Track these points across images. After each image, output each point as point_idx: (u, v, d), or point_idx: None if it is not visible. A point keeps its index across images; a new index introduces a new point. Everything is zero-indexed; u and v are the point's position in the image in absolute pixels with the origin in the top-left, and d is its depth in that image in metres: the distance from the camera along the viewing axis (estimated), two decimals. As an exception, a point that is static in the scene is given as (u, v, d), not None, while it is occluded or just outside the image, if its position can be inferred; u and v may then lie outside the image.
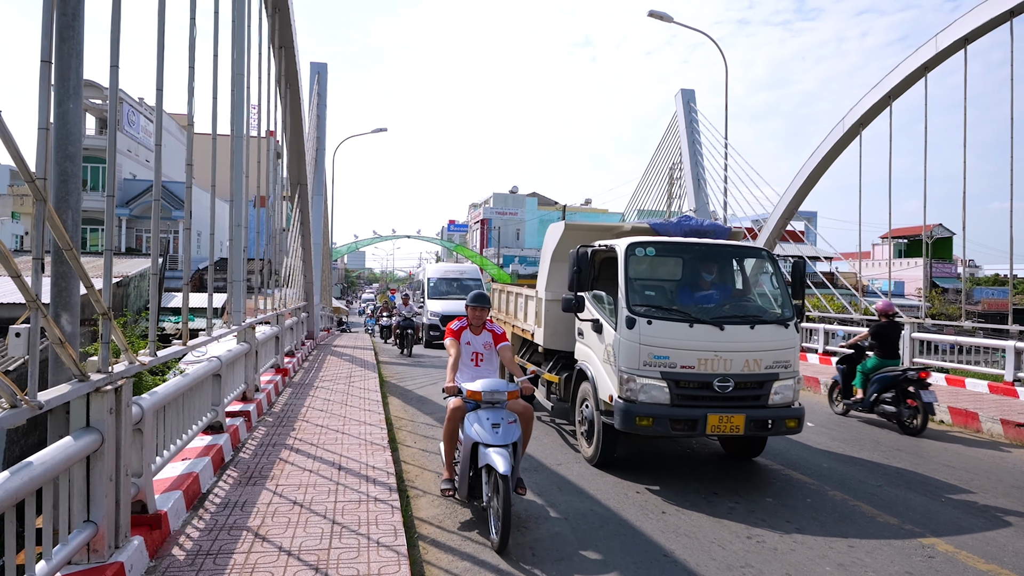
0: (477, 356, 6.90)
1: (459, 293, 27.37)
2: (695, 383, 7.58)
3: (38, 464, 3.71)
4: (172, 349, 6.42)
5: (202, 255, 42.79)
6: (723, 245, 8.90)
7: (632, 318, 7.65)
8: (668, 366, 7.53)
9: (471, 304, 6.92)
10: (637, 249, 8.21)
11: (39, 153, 4.19)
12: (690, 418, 7.42)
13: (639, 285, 8.17)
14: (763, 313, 8.37)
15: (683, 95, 28.03)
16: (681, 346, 7.58)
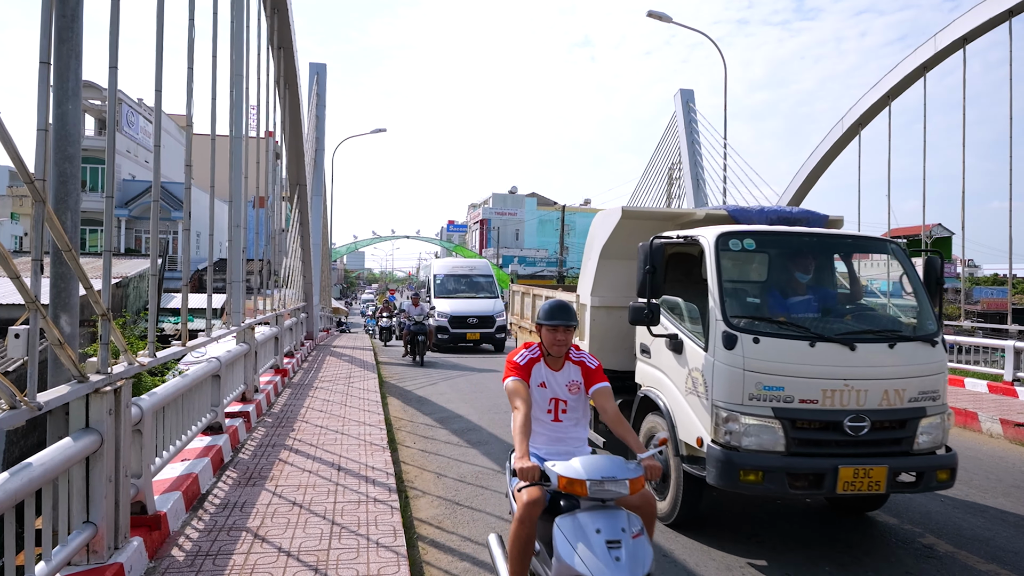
0: (557, 405, 4.42)
1: (469, 291, 25.67)
2: (819, 423, 5.60)
3: (37, 465, 3.71)
4: (171, 350, 6.42)
5: (201, 256, 42.76)
6: (842, 237, 7.11)
7: (732, 334, 5.64)
8: (783, 400, 5.55)
9: (550, 322, 4.33)
10: (732, 241, 6.20)
11: (38, 154, 4.19)
12: (815, 471, 5.48)
13: (737, 289, 6.29)
14: (902, 327, 6.44)
15: (682, 95, 28.02)
16: (800, 372, 5.59)
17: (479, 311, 23.99)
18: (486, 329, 23.73)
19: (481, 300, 24.94)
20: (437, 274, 26.77)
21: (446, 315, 23.44)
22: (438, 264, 29.42)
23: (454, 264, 29.05)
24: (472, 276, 26.69)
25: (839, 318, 6.41)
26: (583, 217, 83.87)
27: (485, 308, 24.28)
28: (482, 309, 24.15)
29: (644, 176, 32.42)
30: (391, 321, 26.25)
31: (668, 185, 30.98)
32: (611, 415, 4.26)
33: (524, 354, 4.45)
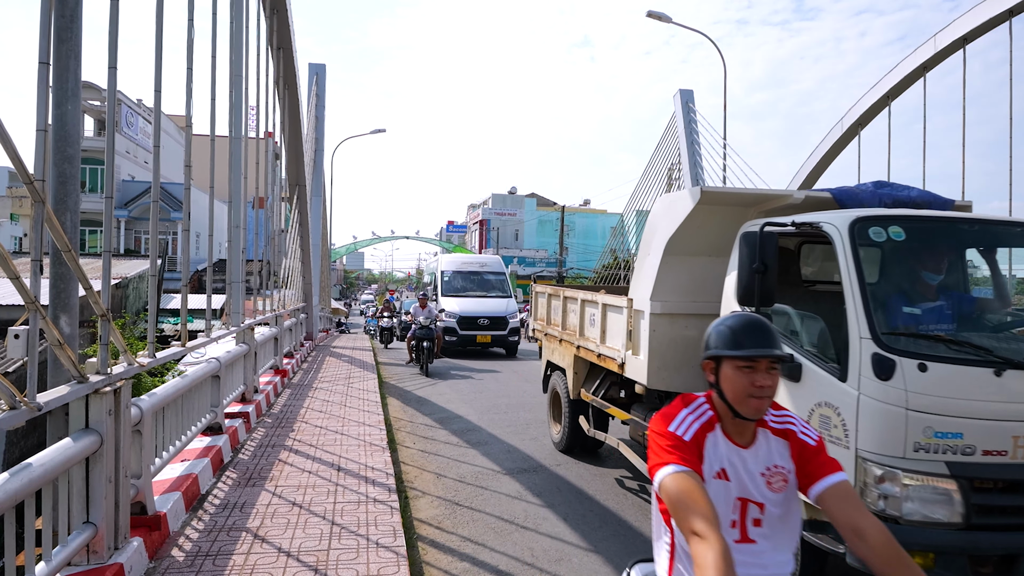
0: (746, 511, 2.43)
1: (479, 289, 23.63)
2: (1009, 483, 4.05)
3: (37, 466, 3.71)
4: (171, 350, 6.42)
5: (201, 256, 42.77)
6: (1013, 224, 5.18)
7: (888, 359, 4.09)
8: (962, 451, 4.00)
9: (746, 352, 2.37)
10: (873, 229, 4.63)
11: (37, 155, 4.19)
12: (1008, 552, 3.97)
13: (887, 294, 4.66)
14: None
15: (681, 95, 28.00)
16: (986, 412, 4.04)
17: (491, 311, 22.11)
18: (498, 331, 21.89)
19: (493, 299, 23.03)
20: (445, 271, 24.37)
21: (455, 315, 21.54)
22: (446, 260, 26.07)
23: (463, 260, 25.70)
24: (483, 273, 24.33)
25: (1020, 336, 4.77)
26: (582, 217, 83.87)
27: (497, 308, 22.38)
28: (494, 309, 22.26)
29: (644, 176, 32.40)
30: (392, 321, 24.94)
31: (667, 186, 30.97)
32: (873, 543, 2.18)
33: (685, 417, 2.44)
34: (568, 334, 8.70)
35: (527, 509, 6.81)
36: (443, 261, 26.03)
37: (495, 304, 22.62)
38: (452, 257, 27.17)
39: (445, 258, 27.23)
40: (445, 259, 26.43)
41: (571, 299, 8.75)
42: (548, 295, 9.97)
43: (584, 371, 8.42)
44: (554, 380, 9.51)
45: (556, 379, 9.39)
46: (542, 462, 8.58)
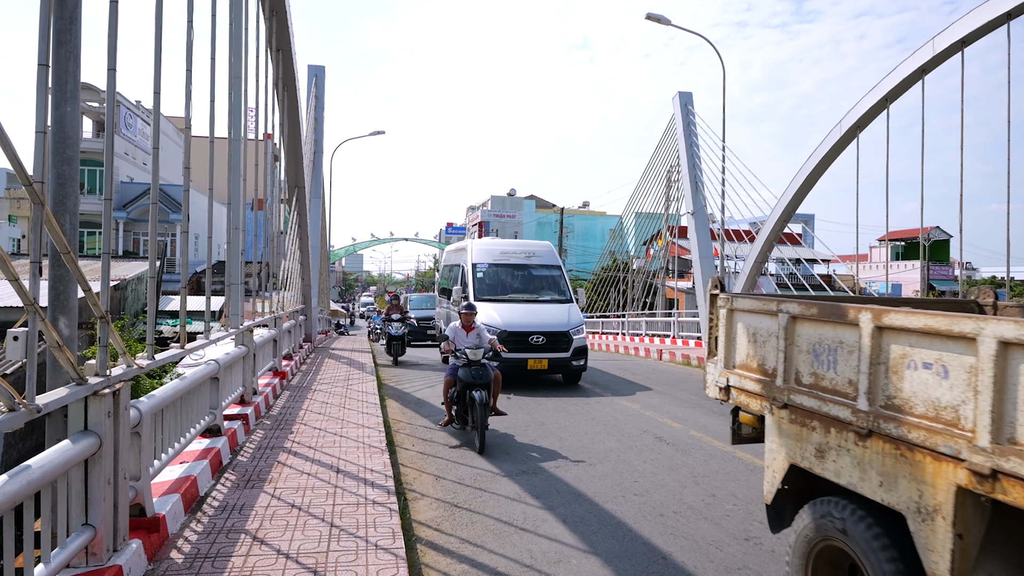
0: None
1: (527, 291, 16.74)
2: None
3: (36, 467, 3.71)
4: (170, 352, 6.42)
5: (200, 258, 42.77)
6: None
7: None
8: None
9: None
10: None
11: (36, 156, 4.19)
12: None
13: None
14: None
15: (680, 97, 28.01)
16: None
17: (547, 324, 15.22)
18: (558, 353, 15.00)
19: (548, 306, 16.20)
20: (478, 264, 16.93)
21: (495, 329, 14.46)
22: (478, 247, 17.83)
23: (502, 248, 17.88)
24: (531, 267, 17.28)
25: None
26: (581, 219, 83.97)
27: (555, 319, 15.49)
28: (551, 321, 15.38)
29: (643, 178, 32.44)
30: (403, 328, 19.44)
31: (667, 187, 31.01)
32: None
33: None
34: (941, 429, 3.31)
35: (526, 511, 6.81)
36: (474, 248, 17.58)
37: (552, 313, 15.74)
38: (486, 243, 18.37)
39: (477, 244, 18.09)
40: (477, 246, 17.87)
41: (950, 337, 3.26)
42: (760, 313, 4.93)
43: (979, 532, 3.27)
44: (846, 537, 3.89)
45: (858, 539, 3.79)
46: (541, 464, 8.58)
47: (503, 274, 16.89)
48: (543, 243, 18.36)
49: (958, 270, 60.32)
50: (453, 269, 19.19)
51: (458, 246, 20.03)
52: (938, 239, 66.45)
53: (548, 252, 17.73)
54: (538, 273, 17.19)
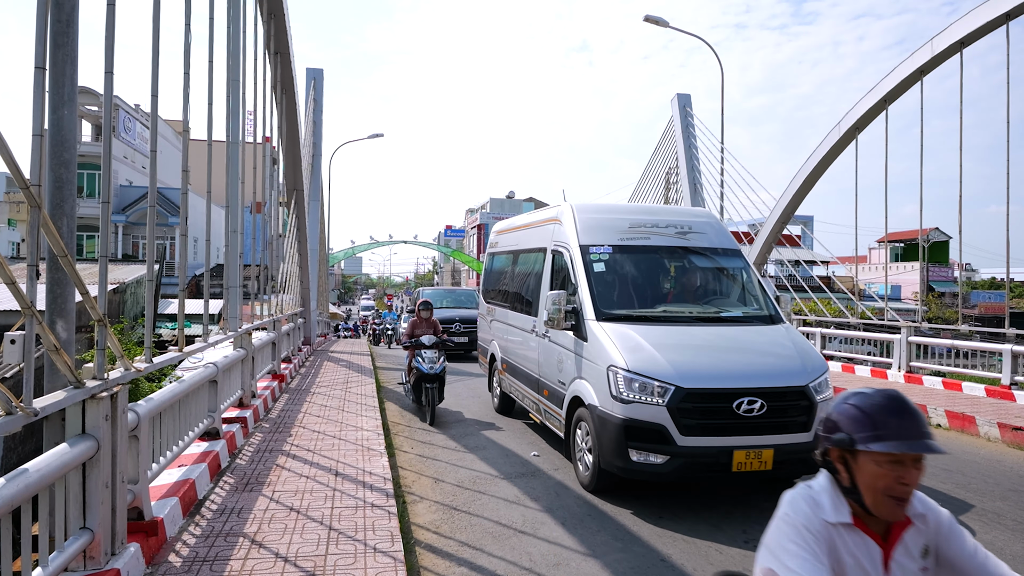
0: None
1: (697, 301, 8.77)
2: None
3: (34, 471, 3.70)
4: (168, 355, 6.41)
5: (198, 261, 42.75)
6: None
7: None
8: None
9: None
10: None
11: (34, 159, 4.19)
12: None
13: None
14: None
15: (679, 99, 28.06)
16: None
17: (763, 373, 7.17)
18: (789, 435, 6.91)
19: (746, 331, 8.20)
20: (593, 248, 8.69)
21: (654, 385, 6.81)
22: (588, 218, 9.14)
23: (633, 218, 9.27)
24: (691, 252, 9.11)
25: None
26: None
27: (776, 361, 7.47)
28: (769, 366, 7.38)
29: (642, 180, 32.46)
30: (440, 358, 11.43)
31: (665, 189, 31.01)
32: None
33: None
34: None
35: (525, 514, 6.80)
36: (580, 220, 9.08)
37: (763, 348, 7.80)
38: (599, 211, 9.51)
39: (583, 213, 9.24)
40: (583, 215, 9.20)
41: None
42: None
43: None
44: None
45: None
46: (540, 467, 8.57)
47: (644, 268, 8.78)
48: (699, 211, 10.56)
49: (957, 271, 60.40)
50: (522, 260, 11.01)
51: (533, 218, 10.96)
52: (937, 240, 66.49)
53: (713, 225, 9.47)
54: (705, 264, 9.09)
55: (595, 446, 7.20)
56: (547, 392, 8.94)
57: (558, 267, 9.16)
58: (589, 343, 7.64)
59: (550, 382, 8.82)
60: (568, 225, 9.03)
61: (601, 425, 7.05)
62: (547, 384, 8.95)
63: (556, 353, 8.58)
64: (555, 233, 9.43)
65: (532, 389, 9.66)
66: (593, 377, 7.38)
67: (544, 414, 9.20)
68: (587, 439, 7.47)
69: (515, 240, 11.75)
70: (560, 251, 9.10)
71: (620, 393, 6.88)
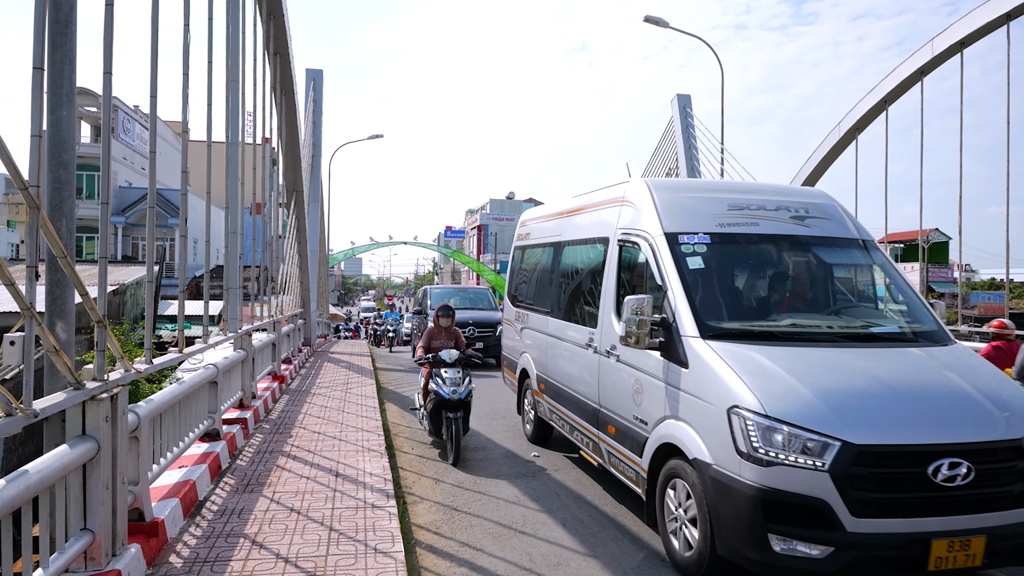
0: None
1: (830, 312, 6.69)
2: None
3: (34, 472, 3.70)
4: (168, 357, 6.41)
5: (198, 263, 42.76)
6: None
7: None
8: None
9: None
10: None
11: (32, 160, 4.19)
12: None
13: None
14: None
15: (679, 100, 28.04)
16: None
17: (961, 418, 4.94)
18: (1002, 513, 4.71)
19: (916, 356, 5.80)
20: (682, 235, 6.36)
21: (802, 432, 4.67)
22: (672, 199, 6.80)
23: (733, 197, 6.97)
24: (811, 243, 6.82)
25: None
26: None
27: (972, 403, 5.08)
28: (966, 408, 5.05)
29: (641, 181, 32.39)
30: (465, 379, 9.07)
31: (665, 190, 30.97)
32: None
33: None
34: None
35: (525, 514, 6.79)
36: (661, 202, 6.73)
37: (949, 382, 5.36)
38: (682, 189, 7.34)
39: (663, 192, 6.92)
40: (664, 195, 6.85)
41: None
42: None
43: None
44: None
45: None
46: (541, 467, 8.56)
47: (755, 265, 6.79)
48: (812, 190, 8.46)
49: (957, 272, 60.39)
50: (568, 254, 8.90)
51: (583, 201, 8.77)
52: (937, 241, 66.50)
53: (834, 208, 7.24)
54: (833, 259, 7.03)
55: (707, 522, 5.03)
56: (613, 429, 6.75)
57: (628, 263, 7.01)
58: (692, 370, 5.39)
59: (620, 417, 6.60)
60: (644, 207, 6.78)
61: (720, 494, 4.92)
62: (614, 419, 6.75)
63: (631, 379, 6.40)
64: (622, 218, 7.20)
65: (587, 421, 7.50)
66: (700, 419, 5.22)
67: (607, 457, 7.00)
68: (687, 506, 5.34)
69: (555, 229, 9.48)
70: (631, 242, 6.85)
71: (753, 448, 4.68)
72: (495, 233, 78.68)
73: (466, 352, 9.32)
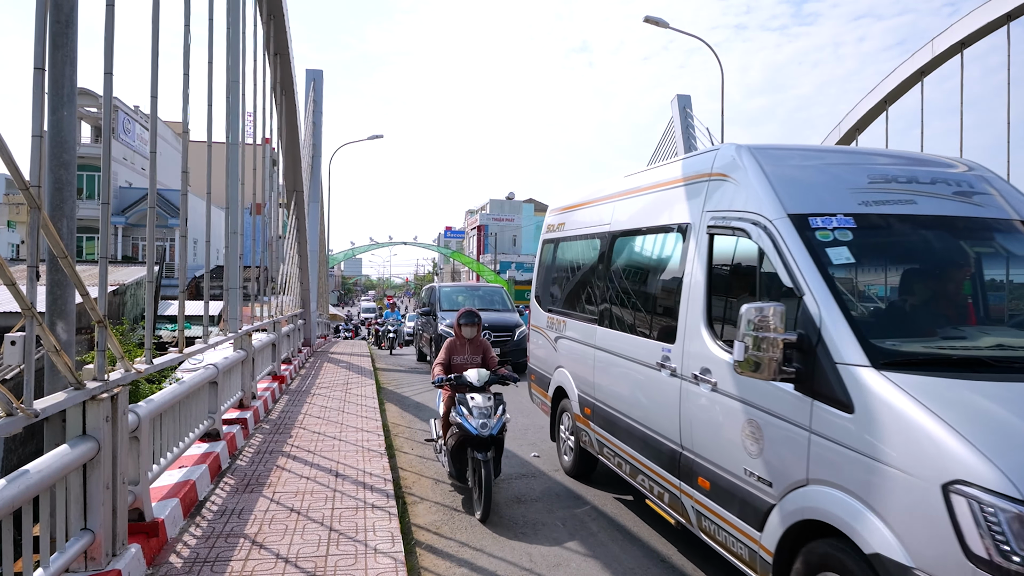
0: None
1: None
2: None
3: (35, 472, 3.70)
4: (168, 357, 6.41)
5: (198, 263, 42.77)
6: None
7: None
8: None
9: None
10: None
11: (33, 161, 4.19)
12: None
13: None
14: None
15: (679, 100, 28.07)
16: None
17: None
18: None
19: None
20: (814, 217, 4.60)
21: None
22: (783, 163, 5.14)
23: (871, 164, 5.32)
24: (990, 224, 4.99)
25: None
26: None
27: None
28: None
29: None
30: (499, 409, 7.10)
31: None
32: None
33: None
34: None
35: (525, 514, 6.80)
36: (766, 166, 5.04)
37: None
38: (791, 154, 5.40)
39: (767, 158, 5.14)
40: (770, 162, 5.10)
41: None
42: None
43: None
44: None
45: None
46: (540, 468, 8.56)
47: (923, 259, 4.91)
48: (956, 158, 5.86)
49: (957, 272, 60.36)
50: (624, 248, 7.25)
51: (647, 179, 6.93)
52: (937, 241, 66.42)
53: (997, 181, 5.45)
54: (1019, 250, 5.03)
55: None
56: (708, 484, 4.96)
57: (724, 258, 5.22)
58: (861, 416, 3.68)
59: (720, 469, 4.83)
60: (748, 182, 4.98)
61: None
62: (709, 470, 4.97)
63: (740, 418, 4.59)
64: (712, 198, 5.41)
65: (661, 466, 5.74)
66: (884, 494, 3.50)
67: (696, 519, 5.20)
68: None
69: (603, 216, 7.70)
70: (731, 229, 5.05)
71: (1000, 551, 2.98)
72: (495, 233, 78.63)
73: (498, 371, 7.35)
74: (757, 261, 4.70)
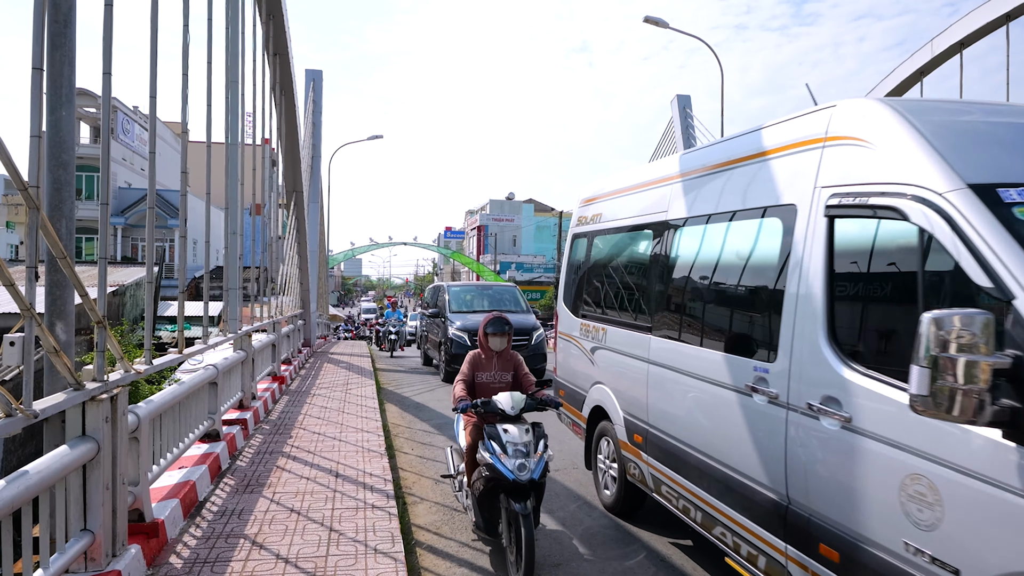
0: None
1: None
2: None
3: (34, 473, 3.70)
4: (168, 357, 6.41)
5: (198, 263, 42.75)
6: None
7: None
8: None
9: None
10: None
11: (32, 161, 4.19)
12: None
13: None
14: None
15: (679, 100, 28.07)
16: None
17: None
18: None
19: None
20: (1006, 188, 3.23)
21: None
22: (942, 119, 3.79)
23: None
24: None
25: None
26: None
27: None
28: None
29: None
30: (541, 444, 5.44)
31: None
32: None
33: None
34: None
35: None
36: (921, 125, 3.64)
37: None
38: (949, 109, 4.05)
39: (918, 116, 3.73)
40: (925, 120, 3.69)
41: None
42: None
43: None
44: None
45: None
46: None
47: None
48: None
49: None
50: (685, 239, 5.82)
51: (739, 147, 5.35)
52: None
53: None
54: None
55: None
56: (837, 556, 3.63)
57: (854, 248, 4.02)
58: None
59: (862, 539, 3.50)
60: (892, 144, 3.69)
61: None
62: (841, 537, 3.63)
63: (899, 472, 3.28)
64: (830, 169, 4.11)
65: (757, 523, 4.39)
66: None
67: None
68: None
69: (658, 202, 6.35)
70: (869, 207, 3.73)
71: None
72: (495, 234, 78.60)
73: (536, 395, 5.79)
74: (919, 251, 3.38)
